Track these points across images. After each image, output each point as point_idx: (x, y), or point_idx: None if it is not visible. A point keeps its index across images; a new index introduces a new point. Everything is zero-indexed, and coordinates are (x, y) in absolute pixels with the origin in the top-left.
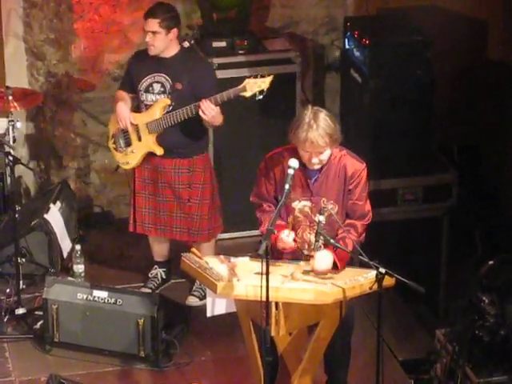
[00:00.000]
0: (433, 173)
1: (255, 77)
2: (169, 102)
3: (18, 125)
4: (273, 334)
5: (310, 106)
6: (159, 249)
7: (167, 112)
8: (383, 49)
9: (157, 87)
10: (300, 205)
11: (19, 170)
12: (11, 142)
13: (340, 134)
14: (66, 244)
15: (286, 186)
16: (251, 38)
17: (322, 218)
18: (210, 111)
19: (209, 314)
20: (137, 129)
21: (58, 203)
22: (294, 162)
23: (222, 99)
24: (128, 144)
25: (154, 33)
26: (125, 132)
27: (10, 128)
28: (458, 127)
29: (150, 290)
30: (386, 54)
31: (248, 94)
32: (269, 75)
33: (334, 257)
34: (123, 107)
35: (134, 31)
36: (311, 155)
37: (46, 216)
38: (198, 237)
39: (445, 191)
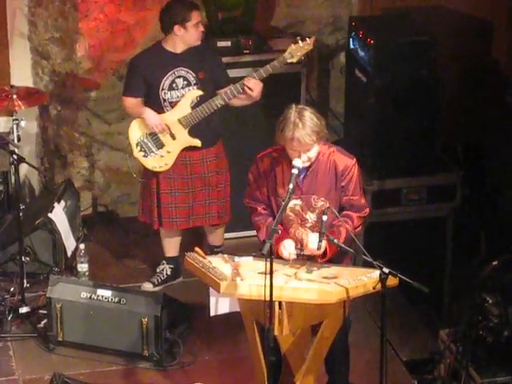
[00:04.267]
0: (437, 173)
1: (295, 42)
2: (200, 92)
3: (23, 124)
4: (276, 333)
5: (293, 105)
6: (170, 244)
7: (196, 103)
8: (388, 49)
9: (180, 82)
10: (291, 203)
11: (24, 168)
12: (16, 141)
13: (326, 129)
14: (70, 243)
15: (290, 186)
16: (256, 38)
17: (325, 218)
18: (257, 87)
19: (212, 313)
20: (168, 128)
21: (63, 202)
22: (298, 162)
23: (267, 72)
24: (160, 146)
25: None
26: (153, 136)
27: (15, 127)
28: (463, 127)
29: (151, 285)
30: (391, 54)
31: (295, 59)
32: (309, 37)
33: (325, 243)
34: (152, 112)
35: (139, 30)
36: (299, 153)
37: (50, 215)
38: (224, 218)
39: (449, 191)
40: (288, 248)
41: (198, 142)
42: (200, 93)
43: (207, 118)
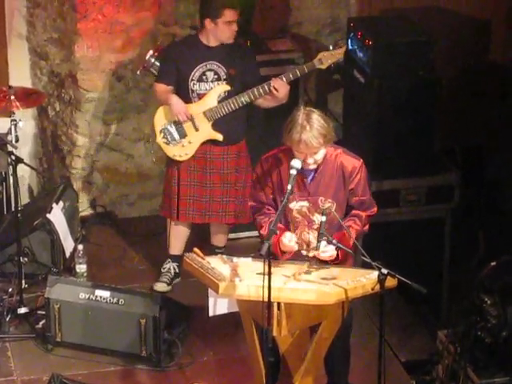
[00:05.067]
0: (436, 174)
1: (327, 49)
2: (229, 87)
3: (21, 124)
4: (275, 334)
5: (302, 107)
6: (177, 241)
7: (223, 98)
8: (386, 49)
9: (210, 75)
10: (297, 205)
11: (22, 169)
12: (14, 142)
13: (334, 132)
14: (68, 244)
15: (289, 187)
16: (254, 39)
17: (323, 219)
18: (283, 89)
19: (211, 314)
20: (192, 119)
21: (61, 203)
22: (296, 163)
23: (295, 75)
24: (183, 136)
25: (235, 22)
26: (177, 124)
27: (13, 127)
28: (461, 128)
29: (165, 284)
30: (389, 55)
31: (324, 66)
32: (341, 47)
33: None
34: (179, 100)
35: (138, 31)
36: (306, 156)
37: (48, 216)
38: (242, 218)
39: (447, 192)
40: (289, 237)
41: (219, 136)
42: (228, 88)
43: (232, 115)
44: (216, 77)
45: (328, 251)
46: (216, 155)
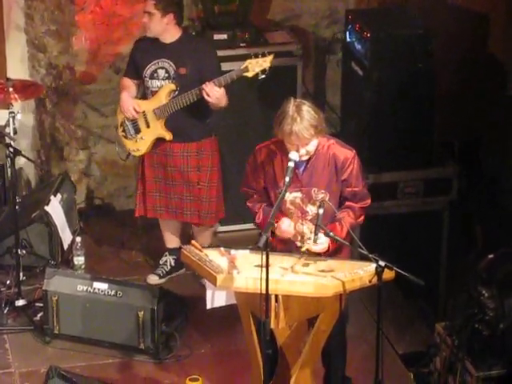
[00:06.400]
0: (434, 166)
1: (256, 56)
2: (173, 87)
3: (19, 116)
4: (272, 326)
5: (292, 99)
6: (170, 235)
7: (173, 97)
8: (384, 42)
9: (161, 73)
10: (291, 196)
11: (20, 161)
12: (12, 134)
13: (325, 123)
14: (66, 236)
15: (286, 179)
16: (252, 31)
17: (321, 211)
18: (213, 93)
19: (209, 307)
20: (145, 115)
21: (59, 195)
22: (294, 155)
23: (226, 81)
24: (137, 131)
25: (149, 14)
26: (133, 119)
27: (11, 120)
28: (459, 121)
29: (157, 277)
30: (388, 47)
31: (250, 74)
32: (269, 54)
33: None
34: (126, 97)
35: (135, 23)
36: (298, 147)
37: (46, 208)
38: (207, 219)
39: (445, 185)
40: (287, 222)
41: (168, 135)
42: (173, 87)
43: (186, 114)
44: (167, 75)
45: (321, 244)
46: (176, 153)
